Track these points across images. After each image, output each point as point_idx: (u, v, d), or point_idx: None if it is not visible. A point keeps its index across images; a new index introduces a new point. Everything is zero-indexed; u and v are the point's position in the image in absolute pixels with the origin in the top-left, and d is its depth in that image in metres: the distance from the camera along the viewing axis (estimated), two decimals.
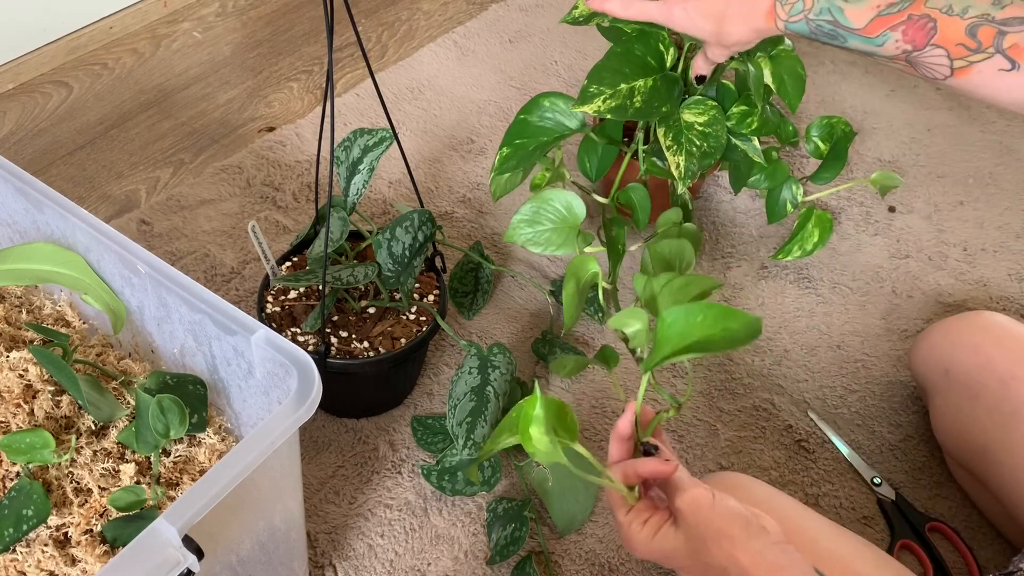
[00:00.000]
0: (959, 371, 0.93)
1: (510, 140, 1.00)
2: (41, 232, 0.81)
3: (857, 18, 0.76)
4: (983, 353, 0.91)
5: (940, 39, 0.72)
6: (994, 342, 0.91)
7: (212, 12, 1.62)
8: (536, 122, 1.00)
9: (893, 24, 0.74)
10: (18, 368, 0.74)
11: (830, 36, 0.78)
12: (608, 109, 0.94)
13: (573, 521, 0.93)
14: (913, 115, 1.48)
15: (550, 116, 1.00)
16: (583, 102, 0.94)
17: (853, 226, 1.29)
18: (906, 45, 0.74)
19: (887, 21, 0.74)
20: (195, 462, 0.73)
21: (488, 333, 1.12)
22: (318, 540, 0.92)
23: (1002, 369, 0.89)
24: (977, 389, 0.90)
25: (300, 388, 0.64)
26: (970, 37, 0.71)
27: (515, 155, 0.99)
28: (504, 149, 1.00)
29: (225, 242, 1.20)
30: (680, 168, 0.97)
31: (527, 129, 1.00)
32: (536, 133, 1.00)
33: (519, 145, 1.00)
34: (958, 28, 0.71)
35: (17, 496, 0.65)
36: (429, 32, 1.61)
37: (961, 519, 0.97)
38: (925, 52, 0.73)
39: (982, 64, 0.71)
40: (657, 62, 0.97)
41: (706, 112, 0.99)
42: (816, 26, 0.78)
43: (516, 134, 1.00)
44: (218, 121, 1.40)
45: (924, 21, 0.72)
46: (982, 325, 0.94)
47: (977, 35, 0.70)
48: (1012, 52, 0.69)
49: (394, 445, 1.00)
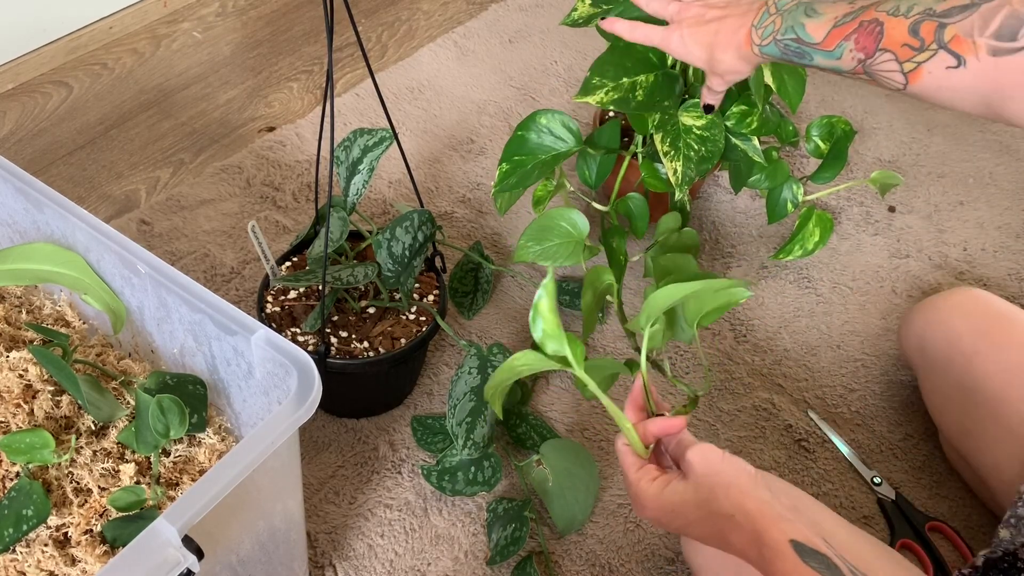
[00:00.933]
0: (931, 348, 0.94)
1: (509, 156, 1.02)
2: (41, 232, 0.81)
3: (817, 32, 0.72)
4: (952, 329, 0.92)
5: (886, 42, 0.67)
6: (962, 318, 0.92)
7: (212, 12, 1.62)
8: (534, 139, 1.02)
9: (847, 34, 0.70)
10: (18, 368, 0.74)
11: (798, 55, 0.74)
12: (611, 101, 0.95)
13: (573, 521, 0.93)
14: (913, 115, 1.48)
15: (547, 133, 1.02)
16: (586, 92, 0.95)
17: (853, 226, 1.29)
18: (859, 54, 0.69)
19: (842, 32, 0.70)
20: (195, 462, 0.73)
21: (488, 333, 1.12)
22: (318, 540, 0.92)
23: (966, 344, 0.90)
24: (947, 366, 0.91)
25: (300, 388, 0.64)
26: (913, 35, 0.66)
27: (514, 172, 1.01)
28: (504, 165, 1.01)
29: (225, 242, 1.20)
30: (678, 174, 0.98)
31: (525, 146, 1.02)
32: (534, 151, 1.02)
33: (518, 162, 1.01)
34: (902, 28, 0.66)
35: (17, 496, 0.65)
36: (429, 32, 1.61)
37: (961, 519, 0.97)
38: (876, 59, 0.68)
39: (929, 63, 0.65)
40: (658, 59, 0.98)
41: (704, 115, 0.99)
42: (784, 46, 0.75)
43: (514, 150, 1.02)
44: (218, 121, 1.40)
45: (872, 26, 0.68)
46: (954, 302, 0.95)
47: (920, 32, 0.65)
48: (954, 45, 0.64)
49: (394, 445, 1.00)
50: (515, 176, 1.01)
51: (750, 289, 0.74)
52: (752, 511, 0.60)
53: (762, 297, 1.19)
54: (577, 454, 0.94)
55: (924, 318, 0.97)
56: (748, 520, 0.59)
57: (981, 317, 0.92)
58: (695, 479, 0.63)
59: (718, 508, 0.61)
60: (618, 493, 0.98)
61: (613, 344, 1.12)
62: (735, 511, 0.60)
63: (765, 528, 0.59)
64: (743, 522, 0.60)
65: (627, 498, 0.97)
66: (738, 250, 1.24)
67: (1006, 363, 0.87)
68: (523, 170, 1.01)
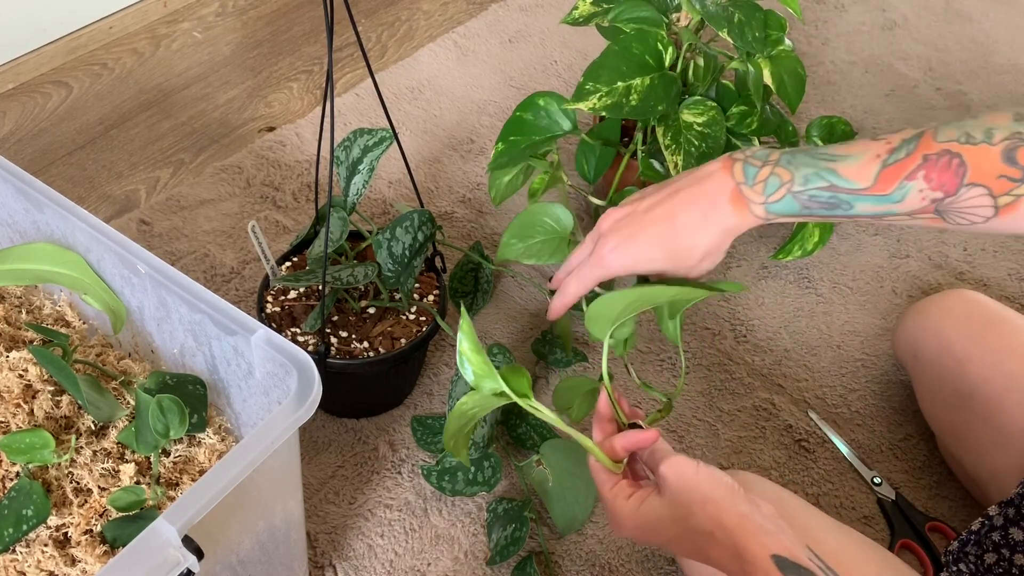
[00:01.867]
0: (924, 353, 0.94)
1: (506, 136, 1.01)
2: (41, 232, 0.81)
3: (860, 175, 0.63)
4: (944, 335, 0.91)
5: (975, 175, 0.60)
6: (954, 323, 0.91)
7: (212, 12, 1.62)
8: (532, 119, 1.00)
9: (909, 172, 0.62)
10: (18, 368, 0.74)
11: (829, 206, 0.65)
12: (603, 107, 0.94)
13: (573, 521, 0.93)
14: (913, 115, 1.48)
15: (544, 115, 1.00)
16: (578, 99, 0.94)
17: (853, 226, 1.29)
18: (935, 193, 0.61)
19: (900, 170, 0.62)
20: (195, 462, 0.73)
21: (488, 333, 1.12)
22: (318, 540, 0.92)
23: (958, 349, 0.89)
24: (940, 371, 0.91)
25: (300, 388, 0.64)
26: (1010, 164, 0.59)
27: (509, 151, 1.00)
28: (499, 144, 1.01)
29: (225, 242, 1.20)
30: (678, 168, 0.98)
31: (523, 127, 1.00)
32: (531, 131, 1.00)
33: (514, 142, 1.00)
34: (991, 157, 0.59)
35: (17, 496, 0.65)
36: (429, 32, 1.61)
37: (961, 519, 0.97)
38: (960, 196, 0.61)
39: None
40: (655, 61, 0.97)
41: (705, 112, 0.99)
42: (808, 197, 0.66)
43: (512, 131, 1.01)
44: (218, 121, 1.40)
45: (947, 159, 0.61)
46: (946, 306, 0.94)
47: (1018, 159, 0.59)
48: None
49: (394, 445, 1.00)
50: (508, 155, 0.99)
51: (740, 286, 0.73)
52: (731, 526, 0.58)
53: (762, 297, 1.19)
54: (577, 454, 0.94)
55: (915, 323, 0.96)
56: (727, 536, 0.58)
57: (972, 321, 0.90)
58: (670, 495, 0.62)
59: (696, 524, 0.60)
60: None
61: None
62: (714, 527, 0.59)
63: (745, 544, 0.57)
64: (722, 538, 0.58)
65: None
66: (738, 250, 1.24)
67: (1001, 369, 0.86)
68: (516, 149, 0.99)
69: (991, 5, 1.74)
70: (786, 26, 1.05)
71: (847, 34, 1.65)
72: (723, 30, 0.97)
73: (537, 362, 1.09)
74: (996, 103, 1.51)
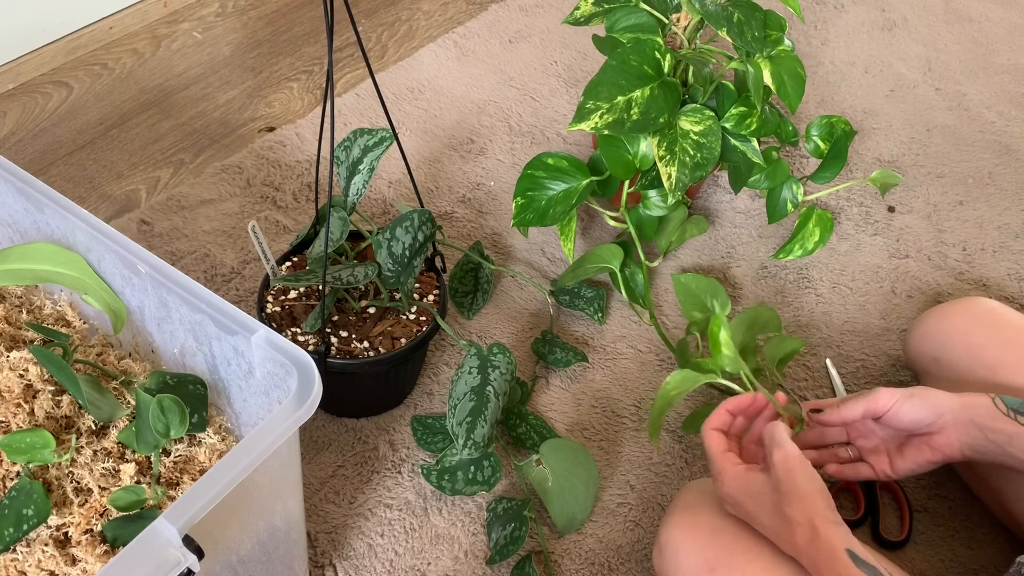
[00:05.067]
0: (949, 358, 0.93)
1: (522, 191, 1.04)
2: (41, 232, 0.81)
3: None
4: (973, 341, 0.92)
5: None
6: (984, 330, 0.92)
7: (212, 12, 1.62)
8: (543, 177, 1.04)
9: None
10: (18, 368, 0.74)
11: None
12: (605, 125, 0.94)
13: (573, 521, 0.93)
14: (913, 115, 1.48)
15: (555, 170, 1.04)
16: (580, 119, 0.94)
17: (853, 226, 1.29)
18: None
19: None
20: (195, 462, 0.73)
21: (488, 333, 1.12)
22: (318, 540, 0.92)
23: (990, 357, 0.90)
24: (966, 376, 0.91)
25: (300, 388, 0.64)
26: None
27: (529, 207, 1.04)
28: (518, 199, 1.04)
29: (225, 242, 1.21)
30: (672, 179, 0.97)
31: (535, 183, 1.04)
32: (545, 186, 1.04)
33: (532, 197, 1.04)
34: None
35: (17, 496, 0.65)
36: (429, 32, 1.61)
37: (961, 519, 0.97)
38: None
39: None
40: (654, 70, 0.97)
41: (703, 121, 0.99)
42: None
43: (526, 187, 1.04)
44: (218, 121, 1.40)
45: None
46: (975, 313, 0.95)
47: None
48: None
49: (394, 445, 1.00)
50: (531, 212, 1.04)
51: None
52: (820, 530, 0.67)
53: (762, 297, 1.19)
54: (577, 454, 0.94)
55: (939, 326, 0.96)
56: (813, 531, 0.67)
57: (1004, 329, 0.91)
58: (776, 480, 0.71)
59: (791, 512, 0.69)
60: (618, 493, 0.98)
61: (602, 335, 1.12)
62: (805, 522, 0.68)
63: (828, 536, 0.67)
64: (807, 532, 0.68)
65: (627, 497, 0.97)
66: (738, 250, 1.24)
67: None
68: (537, 206, 1.04)
69: (991, 5, 1.74)
70: (786, 26, 1.05)
71: (847, 34, 1.65)
72: (723, 29, 0.97)
73: (537, 362, 1.09)
74: (995, 103, 1.51)
